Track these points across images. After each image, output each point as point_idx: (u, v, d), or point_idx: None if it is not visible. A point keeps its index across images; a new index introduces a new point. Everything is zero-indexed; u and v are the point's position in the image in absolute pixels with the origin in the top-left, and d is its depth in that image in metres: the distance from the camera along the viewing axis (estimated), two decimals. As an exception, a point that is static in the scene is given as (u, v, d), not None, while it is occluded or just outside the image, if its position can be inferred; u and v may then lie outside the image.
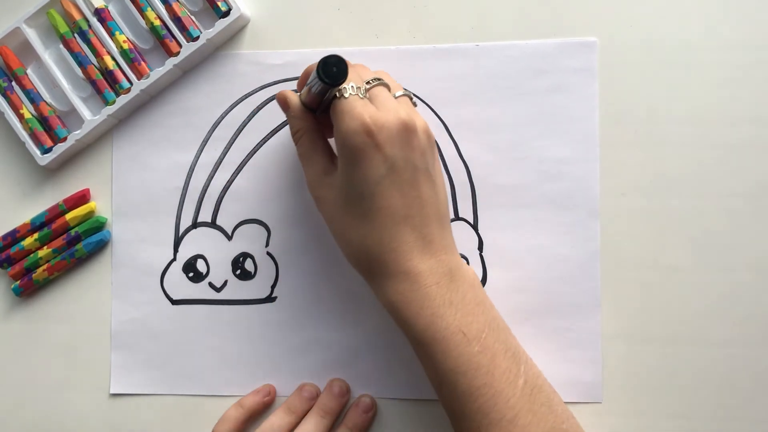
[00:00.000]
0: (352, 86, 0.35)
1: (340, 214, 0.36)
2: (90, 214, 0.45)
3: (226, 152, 0.45)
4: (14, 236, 0.45)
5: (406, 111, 0.36)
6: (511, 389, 0.34)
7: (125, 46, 0.44)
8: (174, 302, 0.45)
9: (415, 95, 0.43)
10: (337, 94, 0.35)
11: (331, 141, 0.39)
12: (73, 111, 0.45)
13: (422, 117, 0.37)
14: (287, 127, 0.44)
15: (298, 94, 0.39)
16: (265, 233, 0.44)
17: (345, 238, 0.37)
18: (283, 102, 0.39)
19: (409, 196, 0.35)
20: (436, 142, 0.39)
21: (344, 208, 0.36)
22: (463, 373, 0.34)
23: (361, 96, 0.35)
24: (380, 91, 0.36)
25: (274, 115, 0.45)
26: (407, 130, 0.35)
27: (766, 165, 0.41)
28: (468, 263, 0.43)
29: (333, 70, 0.33)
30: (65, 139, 0.44)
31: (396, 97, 0.37)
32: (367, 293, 0.43)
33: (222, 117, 0.45)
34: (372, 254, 0.35)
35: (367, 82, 0.36)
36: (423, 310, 0.34)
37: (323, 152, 0.38)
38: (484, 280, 0.43)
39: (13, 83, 0.45)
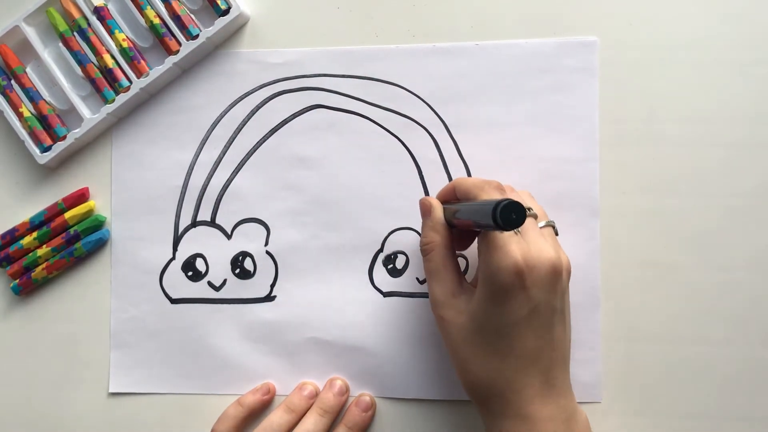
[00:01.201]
0: None
1: (467, 342, 0.35)
2: (89, 212, 0.45)
3: (226, 151, 0.45)
4: (13, 235, 0.45)
5: (555, 250, 0.35)
6: None
7: (125, 44, 0.44)
8: (173, 301, 0.45)
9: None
10: None
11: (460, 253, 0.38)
12: (72, 109, 0.45)
13: (564, 251, 0.36)
14: (287, 126, 0.44)
15: (443, 206, 0.38)
16: (265, 232, 0.44)
17: (467, 367, 0.35)
18: (427, 210, 0.38)
19: (543, 338, 0.34)
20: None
21: (473, 338, 0.35)
22: None
23: (516, 231, 0.34)
24: (531, 224, 0.35)
25: (274, 113, 0.45)
26: (555, 273, 0.34)
27: (766, 164, 0.41)
28: (467, 263, 0.43)
29: (512, 216, 0.30)
30: (64, 137, 0.44)
31: (540, 228, 0.36)
32: (366, 293, 0.43)
33: (221, 116, 0.45)
34: (494, 391, 0.34)
35: None
36: None
37: (453, 270, 0.37)
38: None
39: (13, 82, 0.45)
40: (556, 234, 0.38)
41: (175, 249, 0.45)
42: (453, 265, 0.37)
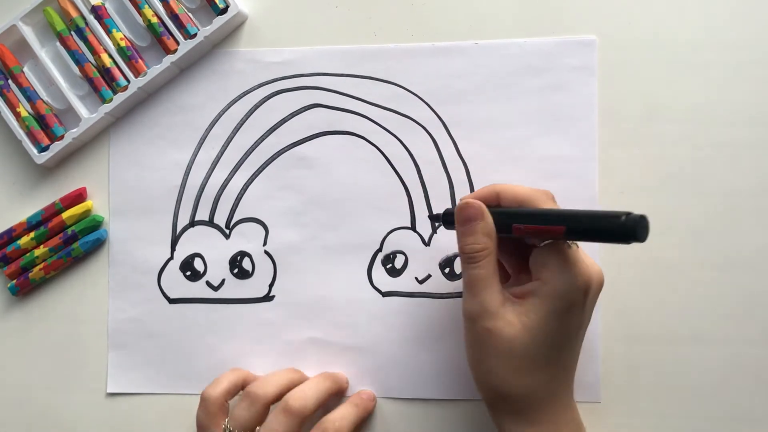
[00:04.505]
0: None
1: (517, 355, 0.33)
2: (87, 212, 0.45)
3: (224, 150, 0.45)
4: (10, 235, 0.45)
5: (598, 266, 0.35)
6: None
7: (122, 43, 0.44)
8: (171, 301, 0.44)
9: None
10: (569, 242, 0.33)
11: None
12: (70, 109, 0.45)
13: None
14: (285, 125, 0.44)
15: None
16: (263, 232, 0.44)
17: (506, 378, 0.33)
18: (479, 214, 0.34)
19: (577, 349, 0.35)
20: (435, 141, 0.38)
21: (525, 351, 0.33)
22: None
23: (577, 246, 0.34)
24: None
25: (272, 113, 0.44)
26: (600, 289, 0.34)
27: (764, 163, 0.41)
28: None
29: (645, 232, 0.29)
30: (62, 137, 0.44)
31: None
32: (365, 293, 0.43)
33: (220, 115, 0.45)
34: (532, 400, 0.34)
35: None
36: None
37: (500, 280, 0.34)
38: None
39: (10, 81, 0.45)
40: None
41: (173, 249, 0.45)
42: (500, 274, 0.35)
